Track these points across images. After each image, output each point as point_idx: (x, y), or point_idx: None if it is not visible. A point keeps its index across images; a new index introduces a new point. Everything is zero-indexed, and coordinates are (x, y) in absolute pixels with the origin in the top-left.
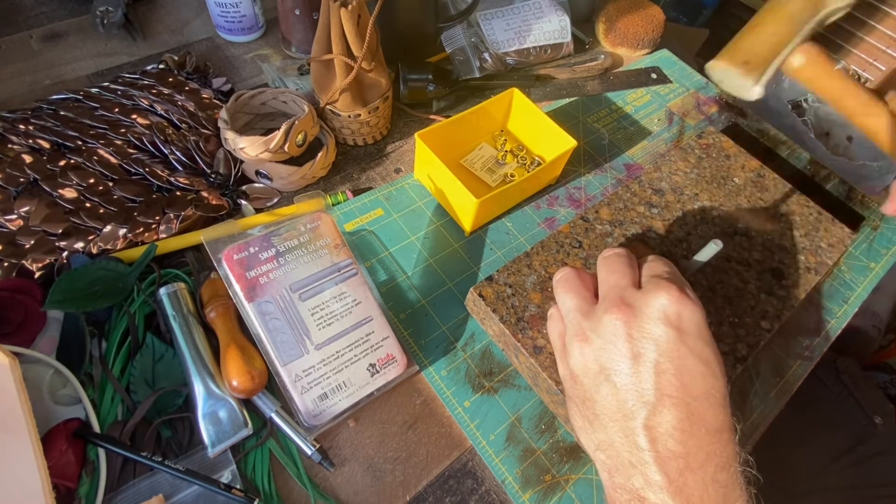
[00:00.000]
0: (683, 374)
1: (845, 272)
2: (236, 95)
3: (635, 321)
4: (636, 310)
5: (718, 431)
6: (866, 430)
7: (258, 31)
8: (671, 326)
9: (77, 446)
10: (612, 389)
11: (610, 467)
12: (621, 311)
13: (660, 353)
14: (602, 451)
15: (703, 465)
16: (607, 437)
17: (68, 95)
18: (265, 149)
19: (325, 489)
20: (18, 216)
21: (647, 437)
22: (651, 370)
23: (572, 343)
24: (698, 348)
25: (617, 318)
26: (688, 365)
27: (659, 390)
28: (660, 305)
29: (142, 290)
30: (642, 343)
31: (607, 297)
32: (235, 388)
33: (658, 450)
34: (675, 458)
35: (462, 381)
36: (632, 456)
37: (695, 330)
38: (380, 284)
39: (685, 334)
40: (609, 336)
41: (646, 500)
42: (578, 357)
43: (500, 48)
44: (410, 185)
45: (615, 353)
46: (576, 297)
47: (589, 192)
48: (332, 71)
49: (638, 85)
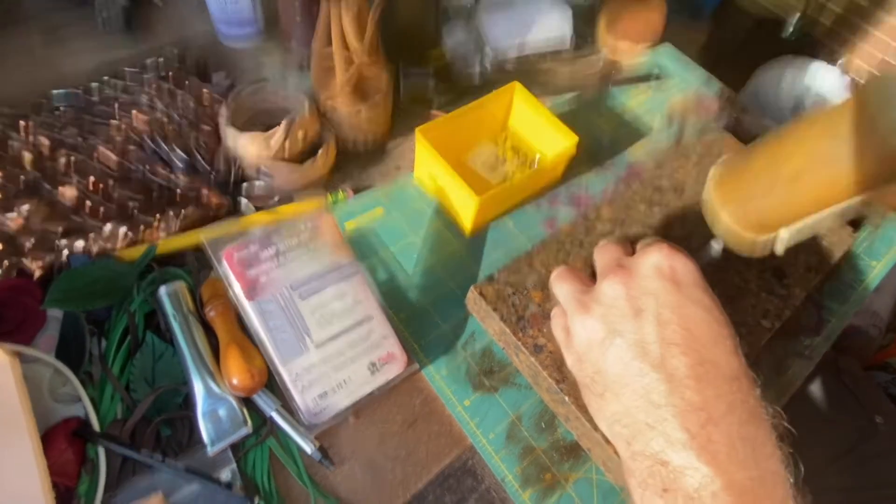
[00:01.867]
0: (687, 322)
1: (846, 272)
2: (236, 92)
3: (632, 281)
4: (632, 271)
5: (736, 378)
6: (867, 429)
7: (258, 28)
8: (666, 279)
9: (77, 445)
10: (619, 352)
11: (627, 436)
12: (618, 274)
13: (659, 305)
14: (617, 423)
15: (726, 416)
16: (621, 406)
17: (68, 92)
18: (265, 147)
19: (324, 487)
20: (19, 215)
21: (662, 390)
22: (653, 322)
23: (574, 321)
24: (696, 296)
25: (615, 282)
26: (689, 313)
27: (664, 340)
28: (653, 262)
29: (142, 288)
30: (642, 300)
31: (604, 269)
32: (235, 387)
33: (675, 403)
34: (694, 410)
35: (462, 380)
36: (648, 416)
37: (691, 280)
38: (380, 283)
39: (681, 285)
40: (609, 300)
41: (668, 464)
42: (581, 331)
43: (500, 45)
44: (411, 183)
45: (617, 315)
46: (572, 283)
47: (590, 191)
48: (332, 67)
49: (639, 83)
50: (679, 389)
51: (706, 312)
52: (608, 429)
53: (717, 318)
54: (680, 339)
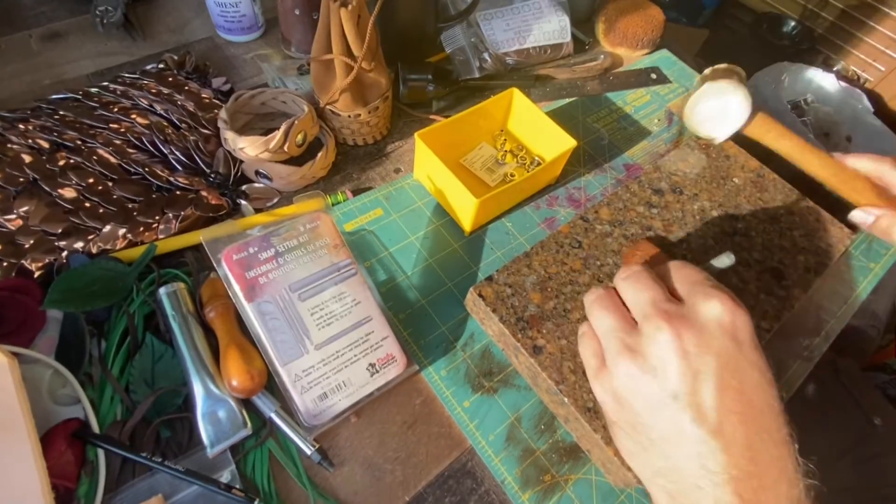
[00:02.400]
0: (746, 388)
1: (844, 272)
2: (236, 95)
3: (689, 334)
4: (688, 322)
5: (785, 443)
6: (865, 430)
7: (258, 31)
8: (728, 337)
9: (76, 446)
10: (672, 414)
11: (672, 491)
12: (672, 324)
13: (720, 367)
14: (662, 477)
15: (777, 482)
16: (668, 463)
17: (68, 95)
18: (265, 149)
19: (324, 489)
20: (18, 216)
21: (719, 459)
22: (713, 387)
23: (616, 363)
24: (754, 358)
25: (668, 333)
26: (748, 377)
27: (724, 408)
28: (714, 315)
29: (141, 289)
30: (701, 358)
31: (648, 313)
32: (235, 388)
33: (730, 471)
34: (749, 477)
35: (461, 381)
36: (700, 480)
37: (749, 339)
38: (379, 284)
39: (742, 344)
40: (661, 353)
41: None
42: (625, 379)
43: (499, 48)
44: (410, 184)
45: (672, 373)
46: (614, 316)
47: (589, 192)
48: (331, 71)
49: (638, 85)
50: (736, 459)
51: (761, 376)
52: (648, 479)
53: (770, 381)
54: (739, 406)
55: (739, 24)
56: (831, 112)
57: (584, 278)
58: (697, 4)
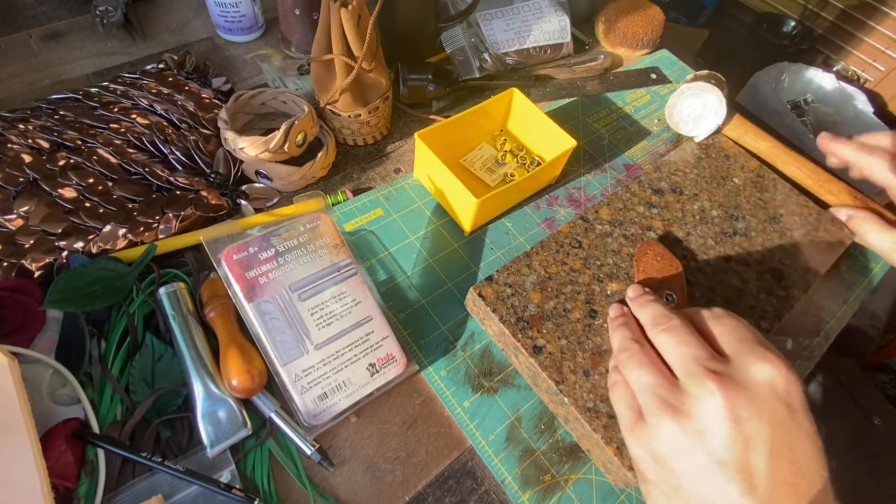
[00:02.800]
0: (798, 458)
1: (844, 272)
2: (236, 95)
3: (740, 398)
4: (738, 384)
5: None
6: (865, 430)
7: (258, 31)
8: (782, 403)
9: (76, 446)
10: (720, 481)
11: None
12: (723, 386)
13: (773, 436)
14: None
15: None
16: None
17: (68, 95)
18: (265, 149)
19: (324, 489)
20: (18, 216)
21: None
22: (765, 457)
23: (658, 421)
24: (808, 427)
25: (718, 396)
26: (801, 448)
27: (777, 479)
28: (766, 379)
29: (141, 289)
30: (752, 425)
31: (693, 371)
32: (235, 388)
33: None
34: None
35: (462, 381)
36: None
37: (802, 405)
38: (379, 284)
39: (795, 412)
40: (709, 416)
41: None
42: (668, 439)
43: (499, 48)
44: (410, 184)
45: (720, 438)
46: (651, 372)
47: (588, 192)
48: (332, 71)
49: (637, 85)
50: None
51: (813, 446)
52: None
53: (820, 448)
54: (791, 476)
55: (739, 24)
56: (831, 112)
57: (584, 278)
58: (697, 4)
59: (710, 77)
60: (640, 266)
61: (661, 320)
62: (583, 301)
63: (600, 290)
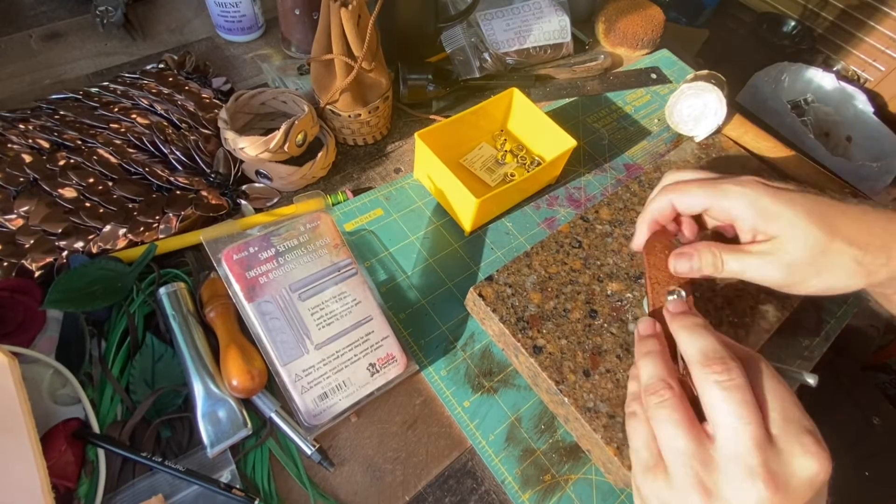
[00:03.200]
0: None
1: None
2: (236, 95)
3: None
4: (784, 485)
5: None
6: (865, 430)
7: (258, 31)
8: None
9: (76, 446)
10: None
11: None
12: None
13: None
14: None
15: None
16: None
17: (68, 95)
18: (265, 149)
19: (324, 489)
20: (18, 216)
21: None
22: None
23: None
24: None
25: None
26: None
27: None
28: (809, 476)
29: (141, 289)
30: None
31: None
32: (235, 388)
33: None
34: None
35: (462, 381)
36: None
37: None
38: (379, 284)
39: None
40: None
41: None
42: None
43: (499, 48)
44: (410, 184)
45: None
46: (687, 437)
47: (589, 192)
48: (332, 71)
49: (638, 85)
50: None
51: None
52: None
53: None
54: None
55: (739, 24)
56: (831, 112)
57: (585, 278)
58: (697, 4)
59: (710, 77)
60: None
61: (717, 366)
62: (583, 301)
63: (600, 290)
